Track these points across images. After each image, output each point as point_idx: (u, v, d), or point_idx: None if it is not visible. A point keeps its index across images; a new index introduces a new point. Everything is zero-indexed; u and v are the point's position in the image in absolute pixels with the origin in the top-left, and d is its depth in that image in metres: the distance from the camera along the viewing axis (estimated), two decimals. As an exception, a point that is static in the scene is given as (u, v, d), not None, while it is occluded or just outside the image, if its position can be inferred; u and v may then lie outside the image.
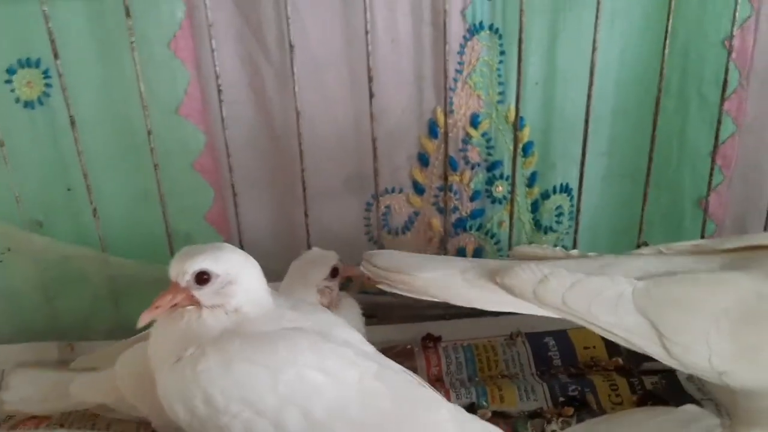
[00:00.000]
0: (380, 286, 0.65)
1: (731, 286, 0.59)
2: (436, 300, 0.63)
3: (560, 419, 0.73)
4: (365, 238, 0.96)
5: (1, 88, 0.84)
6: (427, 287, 0.62)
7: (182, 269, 0.59)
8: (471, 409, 0.76)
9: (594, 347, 0.85)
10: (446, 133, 0.89)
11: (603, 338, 0.84)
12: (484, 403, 0.77)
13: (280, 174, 0.92)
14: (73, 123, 0.83)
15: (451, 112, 0.89)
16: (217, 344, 0.58)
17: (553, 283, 0.60)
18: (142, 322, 0.59)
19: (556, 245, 1.00)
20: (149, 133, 0.84)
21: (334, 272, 0.74)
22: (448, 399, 0.77)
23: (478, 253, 0.99)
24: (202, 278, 0.59)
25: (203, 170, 0.90)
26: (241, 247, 0.91)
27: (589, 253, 0.67)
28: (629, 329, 0.59)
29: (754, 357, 0.57)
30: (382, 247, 0.95)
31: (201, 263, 0.59)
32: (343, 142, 0.90)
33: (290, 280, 0.74)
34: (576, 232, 0.95)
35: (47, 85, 0.84)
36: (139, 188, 0.90)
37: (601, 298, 0.60)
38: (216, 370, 0.56)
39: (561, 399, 0.77)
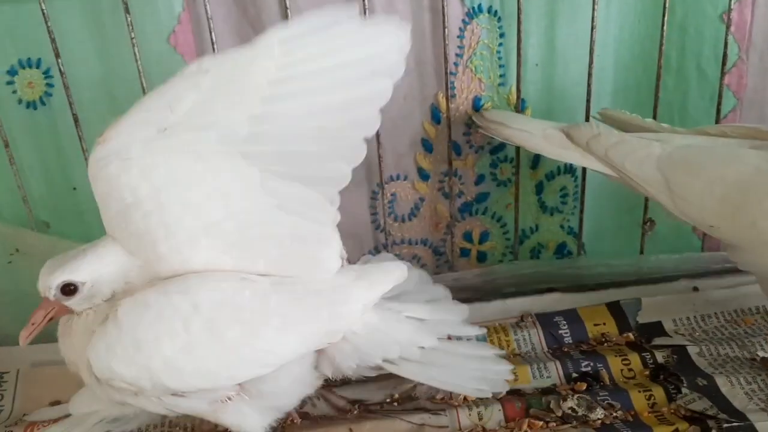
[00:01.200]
0: (484, 132, 0.85)
1: (736, 160, 0.72)
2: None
3: (575, 395, 0.73)
4: (372, 226, 0.97)
5: (3, 90, 0.84)
6: (514, 137, 0.82)
7: (46, 285, 0.61)
8: (485, 389, 0.77)
9: (604, 324, 0.86)
10: (449, 118, 0.89)
11: (612, 314, 0.86)
12: (499, 383, 0.77)
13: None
14: (76, 121, 0.83)
15: (453, 96, 0.89)
16: (126, 299, 0.61)
17: (602, 139, 0.77)
18: (22, 340, 0.63)
19: (561, 226, 1.01)
20: (153, 129, 0.84)
21: None
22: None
23: (485, 237, 0.99)
24: (68, 290, 0.61)
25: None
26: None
27: (674, 127, 0.80)
28: (648, 181, 0.75)
29: (735, 218, 0.71)
30: (389, 234, 0.95)
31: (62, 276, 0.61)
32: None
33: None
34: (581, 212, 0.96)
35: (48, 85, 0.84)
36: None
37: (633, 155, 0.75)
38: (136, 311, 0.60)
39: (574, 375, 0.78)
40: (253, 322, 0.62)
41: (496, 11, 0.87)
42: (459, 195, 0.96)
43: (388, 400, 0.77)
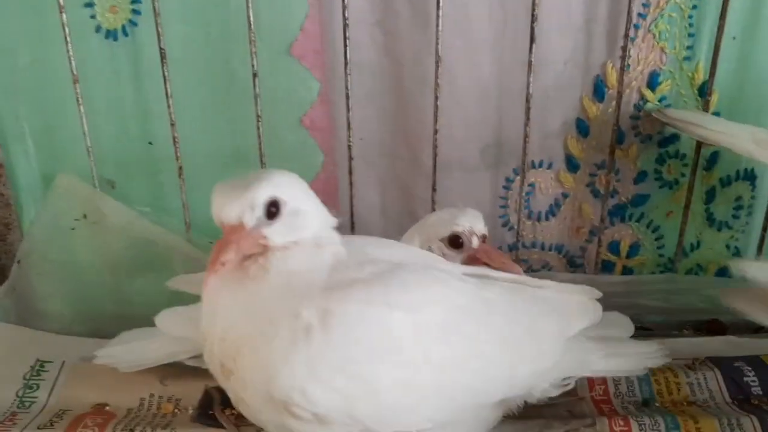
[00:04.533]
0: (671, 127, 0.72)
1: None
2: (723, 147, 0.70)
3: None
4: (499, 222, 0.79)
5: (79, 14, 0.69)
6: (713, 138, 0.68)
7: (249, 203, 0.44)
8: (662, 446, 0.58)
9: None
10: (620, 94, 0.71)
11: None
12: (679, 439, 0.59)
13: (404, 137, 0.75)
14: (163, 57, 0.68)
15: (626, 67, 0.71)
16: (336, 294, 0.45)
17: None
18: (210, 288, 0.45)
19: (727, 245, 0.82)
20: (255, 75, 0.68)
21: (453, 241, 0.58)
22: (628, 428, 0.60)
23: (634, 251, 0.80)
24: (271, 210, 0.45)
25: (313, 127, 0.74)
26: (352, 226, 0.77)
27: None
28: None
29: None
30: (519, 235, 0.77)
31: (269, 190, 0.45)
32: (486, 100, 0.73)
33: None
34: (765, 229, 0.76)
35: (134, 12, 0.70)
36: (233, 145, 0.75)
37: None
38: (351, 328, 0.44)
39: (779, 439, 0.59)
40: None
41: (695, -36, 0.69)
42: (612, 194, 0.77)
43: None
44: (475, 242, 0.59)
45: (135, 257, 0.74)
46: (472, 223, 0.59)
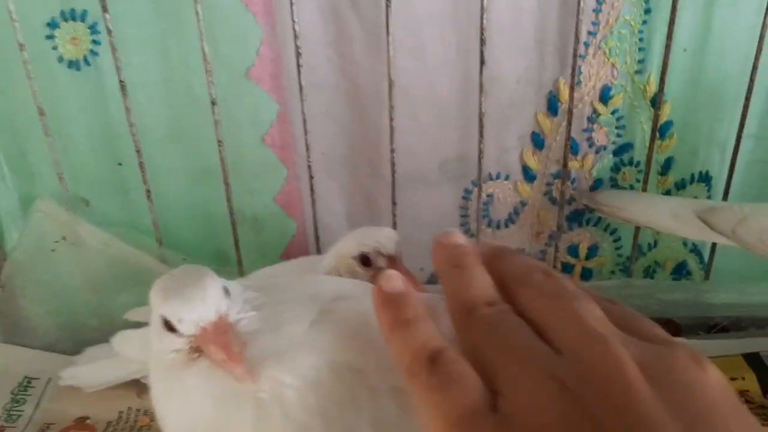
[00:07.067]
0: (598, 214, 0.78)
1: None
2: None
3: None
4: (460, 230, 0.82)
5: (41, 46, 0.70)
6: (637, 219, 0.74)
7: (219, 296, 0.44)
8: None
9: (743, 378, 0.70)
10: (570, 112, 0.72)
11: (755, 370, 0.70)
12: None
13: (364, 152, 0.77)
14: (123, 88, 0.70)
15: (578, 84, 0.72)
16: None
17: (751, 224, 0.65)
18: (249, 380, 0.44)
19: (684, 243, 0.84)
20: (213, 103, 0.70)
21: (363, 260, 0.59)
22: None
23: (593, 252, 0.83)
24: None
25: (274, 145, 0.76)
26: (317, 236, 0.80)
27: None
28: None
29: None
30: (479, 242, 0.80)
31: (223, 282, 0.46)
32: (443, 118, 0.75)
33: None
34: (718, 231, 0.79)
35: (95, 42, 0.71)
36: (199, 164, 0.77)
37: None
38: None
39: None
40: None
41: (644, -19, 0.70)
42: (569, 202, 0.80)
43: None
44: (381, 262, 0.60)
45: (113, 276, 0.77)
46: (380, 244, 0.59)
